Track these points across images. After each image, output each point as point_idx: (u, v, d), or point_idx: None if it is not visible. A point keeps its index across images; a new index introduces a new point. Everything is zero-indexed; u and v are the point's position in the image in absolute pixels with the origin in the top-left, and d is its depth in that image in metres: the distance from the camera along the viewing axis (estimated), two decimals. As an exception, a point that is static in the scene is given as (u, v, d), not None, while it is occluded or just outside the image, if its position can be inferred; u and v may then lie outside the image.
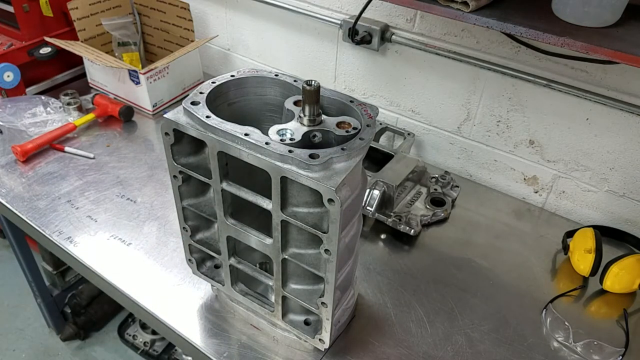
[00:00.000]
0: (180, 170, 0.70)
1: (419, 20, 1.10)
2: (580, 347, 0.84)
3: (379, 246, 1.03)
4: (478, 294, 0.93)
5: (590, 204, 1.10)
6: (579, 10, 0.75)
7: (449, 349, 0.83)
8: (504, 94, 1.08)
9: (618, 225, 1.07)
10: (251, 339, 0.84)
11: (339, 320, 0.80)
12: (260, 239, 0.70)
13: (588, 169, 1.06)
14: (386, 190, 1.03)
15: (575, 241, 0.98)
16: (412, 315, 0.88)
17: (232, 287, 0.80)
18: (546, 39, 0.74)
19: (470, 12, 0.77)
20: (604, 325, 0.89)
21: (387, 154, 1.13)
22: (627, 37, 0.73)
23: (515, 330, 0.87)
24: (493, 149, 1.16)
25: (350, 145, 0.59)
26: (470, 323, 0.88)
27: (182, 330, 0.85)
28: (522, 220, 1.11)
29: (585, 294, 0.95)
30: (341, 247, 0.64)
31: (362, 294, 0.91)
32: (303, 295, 0.73)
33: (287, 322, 0.77)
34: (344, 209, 0.60)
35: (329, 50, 1.27)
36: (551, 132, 1.06)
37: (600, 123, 1.00)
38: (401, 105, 1.24)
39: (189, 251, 0.82)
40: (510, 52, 1.02)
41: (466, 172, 1.24)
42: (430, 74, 1.15)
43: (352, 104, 0.66)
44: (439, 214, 1.07)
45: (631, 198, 1.04)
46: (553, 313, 0.89)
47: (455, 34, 1.07)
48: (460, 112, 1.16)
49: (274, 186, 0.61)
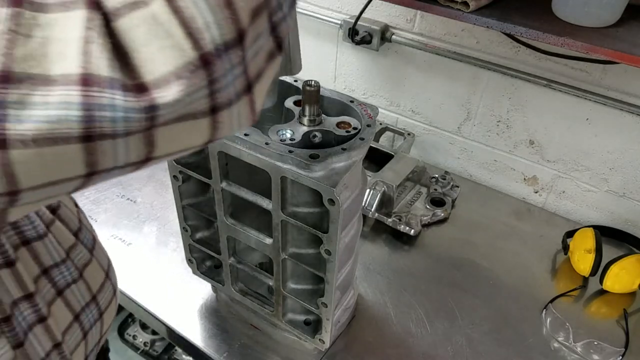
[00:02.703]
0: (180, 170, 0.70)
1: (419, 20, 1.10)
2: (580, 347, 0.84)
3: (379, 246, 1.03)
4: (478, 294, 0.93)
5: (590, 204, 1.10)
6: (579, 10, 0.75)
7: (449, 349, 0.83)
8: (504, 94, 1.08)
9: (618, 225, 1.07)
10: (251, 339, 0.84)
11: (339, 320, 0.80)
12: (260, 239, 0.70)
13: (588, 169, 1.06)
14: (386, 190, 1.03)
15: (575, 241, 0.98)
16: (412, 315, 0.88)
17: (232, 287, 0.80)
18: (546, 39, 0.74)
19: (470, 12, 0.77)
20: (604, 325, 0.89)
21: (387, 154, 1.13)
22: (627, 37, 0.73)
23: (515, 330, 0.87)
24: (493, 149, 1.16)
25: (350, 145, 0.59)
26: (470, 323, 0.88)
27: (182, 330, 0.85)
28: (522, 220, 1.11)
29: (585, 294, 0.95)
30: (341, 247, 0.64)
31: (362, 294, 0.92)
32: (303, 295, 0.73)
33: (287, 322, 0.77)
34: (344, 209, 0.60)
35: (329, 50, 1.27)
36: (551, 132, 1.06)
37: (600, 123, 1.00)
38: (401, 105, 1.24)
39: (189, 251, 0.82)
40: (510, 52, 1.02)
41: (466, 172, 1.24)
42: (430, 74, 1.15)
43: (352, 104, 0.66)
44: (439, 214, 1.07)
45: (631, 198, 1.04)
46: (553, 313, 0.89)
47: (455, 34, 1.07)
48: (460, 112, 1.16)
49: (274, 186, 0.61)
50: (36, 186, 0.28)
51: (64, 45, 0.26)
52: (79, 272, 0.57)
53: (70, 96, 0.26)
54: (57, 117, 0.26)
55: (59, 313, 0.54)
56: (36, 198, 0.29)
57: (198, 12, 0.27)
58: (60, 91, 0.26)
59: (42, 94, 0.26)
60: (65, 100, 0.26)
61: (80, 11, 0.26)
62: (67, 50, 0.26)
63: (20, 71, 0.25)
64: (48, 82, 0.26)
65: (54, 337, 0.52)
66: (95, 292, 0.59)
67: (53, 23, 0.26)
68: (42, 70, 0.26)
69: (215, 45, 0.28)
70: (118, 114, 0.27)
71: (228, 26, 0.28)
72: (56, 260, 0.54)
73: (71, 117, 0.26)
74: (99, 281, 0.61)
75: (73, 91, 0.26)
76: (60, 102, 0.26)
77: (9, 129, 0.25)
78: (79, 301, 0.57)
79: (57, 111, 0.26)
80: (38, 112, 0.26)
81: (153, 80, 0.27)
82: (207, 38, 0.28)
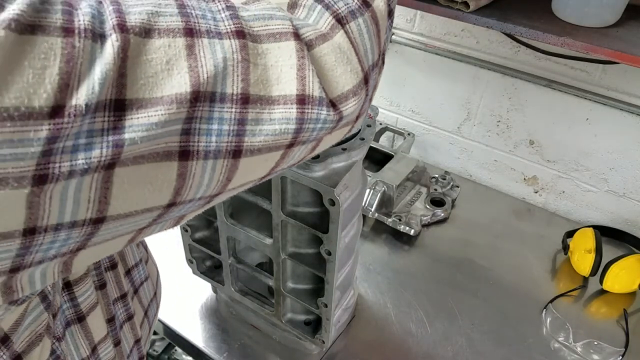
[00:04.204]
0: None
1: (419, 20, 1.10)
2: (580, 347, 0.84)
3: (379, 246, 1.03)
4: (478, 294, 0.93)
5: (590, 204, 1.10)
6: (579, 10, 0.75)
7: (449, 349, 0.83)
8: (504, 94, 1.08)
9: (618, 225, 1.07)
10: (251, 339, 0.84)
11: (339, 320, 0.80)
12: (260, 239, 0.69)
13: (588, 169, 1.06)
14: (386, 190, 1.03)
15: (575, 241, 0.98)
16: (412, 315, 0.88)
17: (232, 287, 0.80)
18: (546, 39, 0.74)
19: (470, 12, 0.77)
20: (604, 325, 0.89)
21: (387, 154, 1.13)
22: (627, 37, 0.73)
23: (515, 330, 0.87)
24: (493, 149, 1.16)
25: (350, 145, 0.59)
26: (470, 323, 0.88)
27: (182, 330, 0.85)
28: (522, 220, 1.11)
29: (585, 294, 0.95)
30: (341, 247, 0.64)
31: (362, 294, 0.91)
32: (303, 295, 0.73)
33: (287, 322, 0.77)
34: (344, 209, 0.60)
35: (329, 50, 1.27)
36: (551, 132, 1.06)
37: (600, 123, 1.00)
38: (401, 105, 1.24)
39: (189, 251, 0.82)
40: (510, 52, 1.02)
41: (466, 172, 1.24)
42: (430, 74, 1.15)
43: (352, 104, 0.66)
44: (439, 214, 1.07)
45: (631, 198, 1.04)
46: (553, 313, 0.89)
47: (456, 34, 1.07)
48: (461, 112, 1.16)
49: (274, 186, 0.61)
50: (237, 187, 0.34)
51: (280, 70, 0.32)
52: (146, 270, 0.59)
53: (290, 113, 0.32)
54: (280, 130, 0.32)
55: (137, 310, 0.57)
56: (221, 198, 0.35)
57: (362, 42, 0.35)
58: (281, 109, 0.32)
59: (268, 111, 0.31)
60: (286, 116, 0.32)
61: (291, 42, 0.32)
62: (282, 75, 0.32)
63: (254, 94, 0.31)
64: (271, 102, 0.31)
65: (136, 334, 0.56)
66: (155, 287, 0.62)
67: (267, 52, 0.32)
68: (266, 92, 0.31)
69: (369, 66, 0.36)
70: (318, 125, 0.33)
71: (377, 50, 0.37)
72: (136, 260, 0.57)
73: (290, 129, 0.32)
74: (156, 274, 0.64)
75: (292, 109, 0.32)
76: (281, 118, 0.32)
77: (245, 142, 0.31)
78: (147, 297, 0.60)
79: (280, 125, 0.32)
80: (266, 127, 0.31)
81: (339, 97, 0.34)
82: (368, 61, 0.36)
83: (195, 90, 0.29)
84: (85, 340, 0.47)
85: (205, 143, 0.30)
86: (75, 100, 0.25)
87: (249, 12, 0.32)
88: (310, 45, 0.33)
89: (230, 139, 0.30)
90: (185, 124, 0.29)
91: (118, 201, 0.28)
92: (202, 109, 0.29)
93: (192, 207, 0.33)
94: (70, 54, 0.25)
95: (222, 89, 0.30)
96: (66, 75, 0.25)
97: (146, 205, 0.30)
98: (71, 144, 0.25)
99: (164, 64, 0.28)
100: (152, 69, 0.28)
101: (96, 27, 0.27)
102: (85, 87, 0.26)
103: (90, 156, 0.26)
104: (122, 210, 0.29)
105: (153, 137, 0.28)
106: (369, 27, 0.36)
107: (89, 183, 0.27)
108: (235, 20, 0.31)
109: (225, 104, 0.30)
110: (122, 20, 0.28)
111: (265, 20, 0.32)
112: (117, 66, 0.27)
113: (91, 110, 0.26)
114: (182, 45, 0.29)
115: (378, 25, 0.37)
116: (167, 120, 0.28)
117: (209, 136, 0.30)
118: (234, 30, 0.31)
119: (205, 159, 0.30)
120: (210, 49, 0.29)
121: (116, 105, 0.27)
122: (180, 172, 0.30)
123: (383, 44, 0.38)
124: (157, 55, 0.28)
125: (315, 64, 0.33)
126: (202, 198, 0.32)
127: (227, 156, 0.31)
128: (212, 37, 0.30)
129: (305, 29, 0.33)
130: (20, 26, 0.24)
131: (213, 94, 0.29)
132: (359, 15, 0.35)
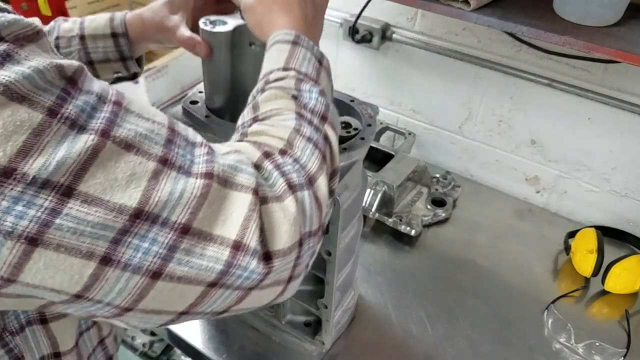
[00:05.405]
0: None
1: (419, 19, 1.10)
2: (581, 348, 0.83)
3: (380, 247, 1.02)
4: (479, 295, 0.92)
5: (592, 204, 1.09)
6: (580, 9, 0.74)
7: (449, 350, 0.83)
8: (505, 94, 1.07)
9: (620, 225, 1.06)
10: (250, 340, 0.84)
11: (339, 322, 0.80)
12: (260, 239, 0.69)
13: (590, 169, 1.06)
14: (387, 191, 1.02)
15: (577, 241, 0.98)
16: (412, 316, 0.88)
17: (232, 288, 0.79)
18: (548, 37, 0.73)
19: (472, 10, 0.77)
20: (605, 326, 0.89)
21: (387, 154, 1.12)
22: (629, 36, 0.73)
23: (516, 331, 0.86)
24: (494, 149, 1.16)
25: (350, 145, 0.59)
26: (472, 324, 0.87)
27: (181, 331, 0.85)
28: (524, 220, 1.11)
29: (587, 295, 0.94)
30: (341, 248, 0.63)
31: (362, 294, 0.91)
32: (303, 297, 0.73)
33: (286, 323, 0.77)
34: (344, 210, 0.59)
35: (329, 49, 1.26)
36: (553, 131, 1.06)
37: (602, 123, 0.99)
38: (402, 104, 1.23)
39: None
40: (511, 51, 1.02)
41: (467, 172, 1.23)
42: (431, 73, 1.15)
43: (352, 103, 0.66)
44: (440, 214, 1.06)
45: (633, 198, 1.04)
46: (554, 314, 0.89)
47: (457, 32, 1.06)
48: (462, 112, 1.15)
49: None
50: (150, 311, 0.35)
51: (229, 215, 0.35)
52: None
53: (221, 254, 0.34)
54: (206, 267, 0.34)
55: None
56: (137, 319, 0.36)
57: (304, 210, 0.39)
58: (215, 248, 0.34)
59: (202, 247, 0.34)
60: (216, 256, 0.34)
61: (249, 195, 0.36)
62: (229, 219, 0.35)
63: (197, 227, 0.34)
64: (209, 239, 0.34)
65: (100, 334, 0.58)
66: None
67: (227, 196, 0.36)
68: (209, 229, 0.34)
69: (307, 232, 0.39)
70: (245, 274, 0.35)
71: (317, 222, 0.41)
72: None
73: (216, 269, 0.34)
74: None
75: (225, 251, 0.34)
76: (212, 256, 0.34)
77: (168, 267, 0.33)
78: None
79: (208, 262, 0.34)
80: (195, 259, 0.34)
81: (278, 251, 0.37)
82: (306, 227, 0.39)
83: (140, 209, 0.32)
84: None
85: (130, 256, 0.32)
86: (27, 169, 0.29)
87: (226, 161, 0.37)
88: (265, 202, 0.37)
89: (155, 260, 0.33)
90: (118, 234, 0.31)
91: (31, 272, 0.30)
92: (141, 227, 0.32)
93: (101, 310, 0.34)
94: (42, 131, 0.29)
95: (168, 215, 0.33)
96: (29, 145, 0.29)
97: (54, 287, 0.32)
98: (7, 205, 0.28)
99: (127, 175, 0.32)
100: (113, 175, 0.31)
101: (80, 120, 0.31)
102: (41, 162, 0.29)
103: (18, 223, 0.29)
104: (31, 281, 0.31)
105: (80, 232, 0.30)
106: (311, 201, 0.40)
107: (10, 247, 0.29)
108: (209, 165, 0.36)
109: (164, 228, 0.33)
110: (108, 129, 0.32)
111: (236, 171, 0.37)
112: (82, 159, 0.30)
113: (38, 184, 0.29)
114: (151, 168, 0.33)
115: (319, 201, 0.41)
116: (101, 223, 0.31)
117: (136, 252, 0.32)
118: (204, 172, 0.35)
119: (123, 270, 0.32)
120: (174, 181, 0.33)
121: (65, 191, 0.30)
122: (95, 273, 0.32)
123: (324, 217, 0.42)
124: (126, 166, 0.32)
125: (265, 218, 0.37)
126: (111, 305, 0.34)
127: (146, 274, 0.33)
128: (181, 172, 0.34)
129: (264, 187, 0.38)
130: (12, 93, 0.28)
131: (157, 217, 0.32)
132: (306, 189, 0.40)
